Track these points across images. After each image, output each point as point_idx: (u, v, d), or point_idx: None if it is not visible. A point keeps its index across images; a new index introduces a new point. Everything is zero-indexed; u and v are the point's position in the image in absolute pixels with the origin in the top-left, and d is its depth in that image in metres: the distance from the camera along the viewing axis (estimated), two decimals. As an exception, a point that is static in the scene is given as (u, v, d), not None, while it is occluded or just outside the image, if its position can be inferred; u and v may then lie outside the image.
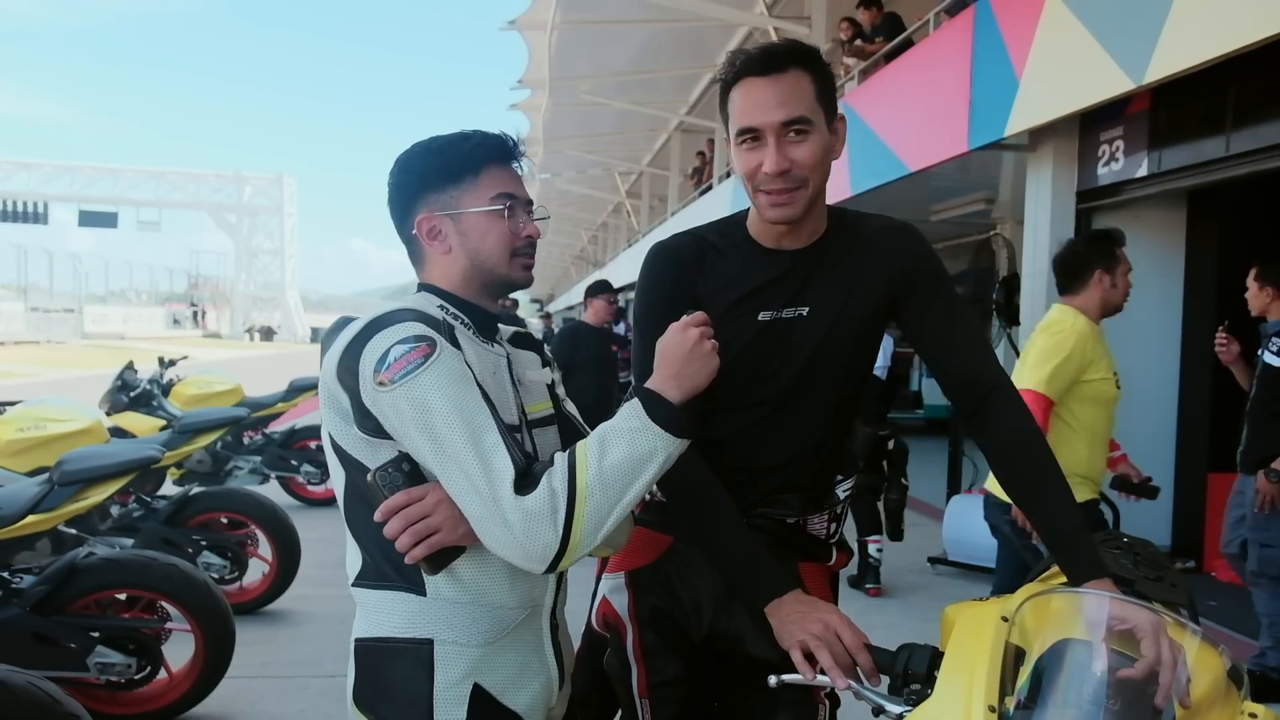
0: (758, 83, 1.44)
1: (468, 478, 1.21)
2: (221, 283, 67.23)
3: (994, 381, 1.50)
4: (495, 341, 1.44)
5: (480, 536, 1.23)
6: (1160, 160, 5.02)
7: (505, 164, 1.41)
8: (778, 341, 1.55)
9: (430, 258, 1.41)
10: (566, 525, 1.19)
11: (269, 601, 4.62)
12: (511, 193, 1.39)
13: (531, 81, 15.66)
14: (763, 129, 1.43)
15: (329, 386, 1.31)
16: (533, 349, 1.55)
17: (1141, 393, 5.79)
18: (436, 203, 1.38)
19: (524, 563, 1.22)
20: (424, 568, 1.30)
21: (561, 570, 1.24)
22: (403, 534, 1.26)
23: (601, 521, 1.21)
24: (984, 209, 8.41)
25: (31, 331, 38.45)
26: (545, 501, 1.19)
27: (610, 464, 1.21)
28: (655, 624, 1.63)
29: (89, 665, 3.10)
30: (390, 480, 1.27)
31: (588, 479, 1.20)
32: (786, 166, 1.43)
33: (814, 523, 1.64)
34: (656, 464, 1.23)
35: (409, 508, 1.26)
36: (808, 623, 1.31)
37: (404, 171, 1.41)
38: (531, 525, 1.19)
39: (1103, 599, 1.20)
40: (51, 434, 4.31)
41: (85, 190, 55.83)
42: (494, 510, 1.20)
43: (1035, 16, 5.12)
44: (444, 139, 1.41)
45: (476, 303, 1.42)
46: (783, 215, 1.47)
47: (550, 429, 1.50)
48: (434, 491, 1.27)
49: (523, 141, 1.45)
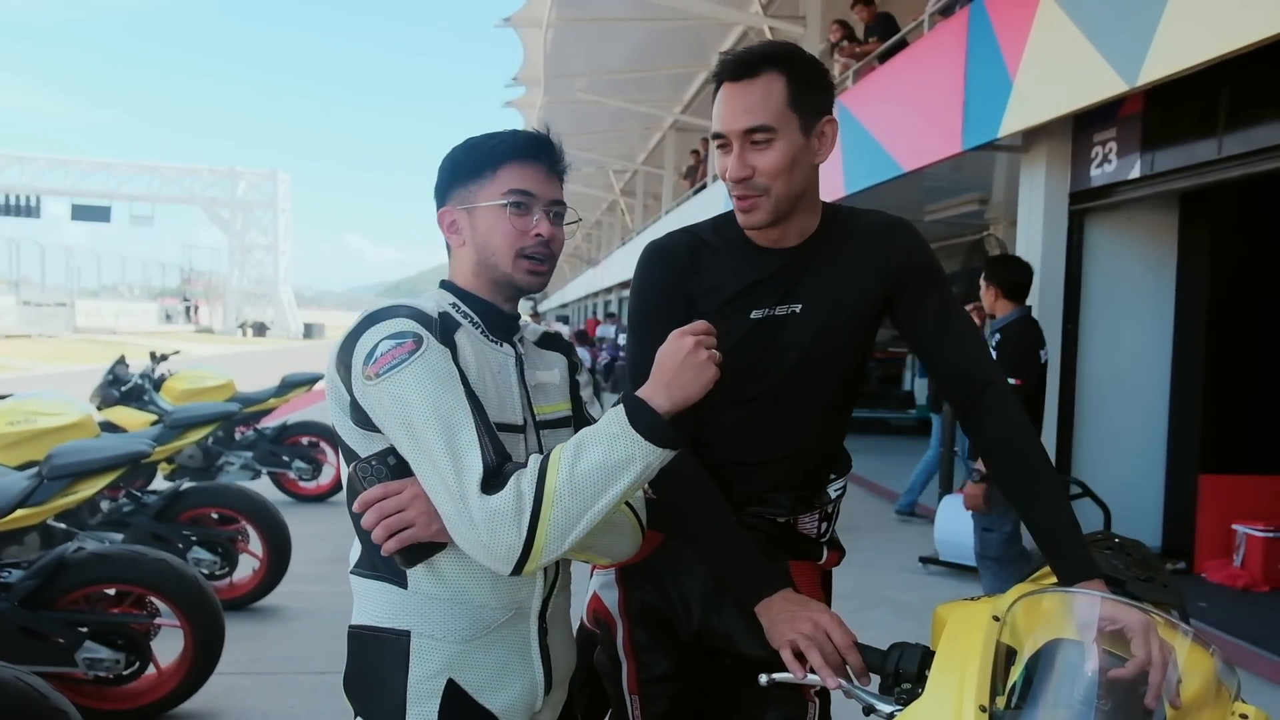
0: (729, 88, 1.47)
1: (439, 474, 1.21)
2: (214, 278, 66.95)
3: (988, 379, 1.50)
4: (508, 341, 1.43)
5: (450, 533, 1.24)
6: (1153, 162, 5.04)
7: (527, 162, 1.39)
8: (770, 339, 1.54)
9: (454, 251, 1.44)
10: (531, 527, 1.18)
11: (259, 597, 4.60)
12: (526, 189, 1.37)
13: (526, 79, 15.67)
14: (728, 135, 1.46)
15: (330, 378, 1.34)
16: (560, 350, 1.55)
17: (1133, 393, 5.81)
18: (458, 197, 1.41)
19: (489, 562, 1.22)
20: (398, 560, 1.31)
21: (529, 573, 1.23)
22: (377, 527, 1.28)
23: (570, 526, 1.20)
24: (978, 209, 8.43)
25: (23, 325, 38.23)
26: (511, 502, 1.18)
27: (583, 469, 1.19)
28: (645, 620, 1.63)
29: (77, 660, 3.08)
30: (373, 472, 1.30)
31: (558, 482, 1.19)
32: (746, 174, 1.45)
33: (805, 522, 1.64)
34: (633, 473, 1.20)
35: (384, 500, 1.28)
36: (798, 622, 1.31)
37: (441, 167, 1.44)
38: (495, 525, 1.18)
39: (1094, 599, 1.20)
40: (41, 428, 4.29)
41: (78, 184, 55.46)
42: (461, 508, 1.20)
43: (1029, 18, 5.13)
44: (479, 137, 1.43)
45: (490, 300, 1.42)
46: (747, 221, 1.50)
47: (565, 431, 1.48)
48: (411, 486, 1.28)
49: (558, 142, 1.43)
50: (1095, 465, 5.67)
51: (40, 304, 42.55)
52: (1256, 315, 5.56)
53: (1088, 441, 5.79)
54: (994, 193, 7.91)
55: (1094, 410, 5.78)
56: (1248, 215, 5.53)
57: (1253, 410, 5.60)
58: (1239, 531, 5.41)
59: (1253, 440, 5.60)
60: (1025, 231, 5.92)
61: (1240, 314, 5.55)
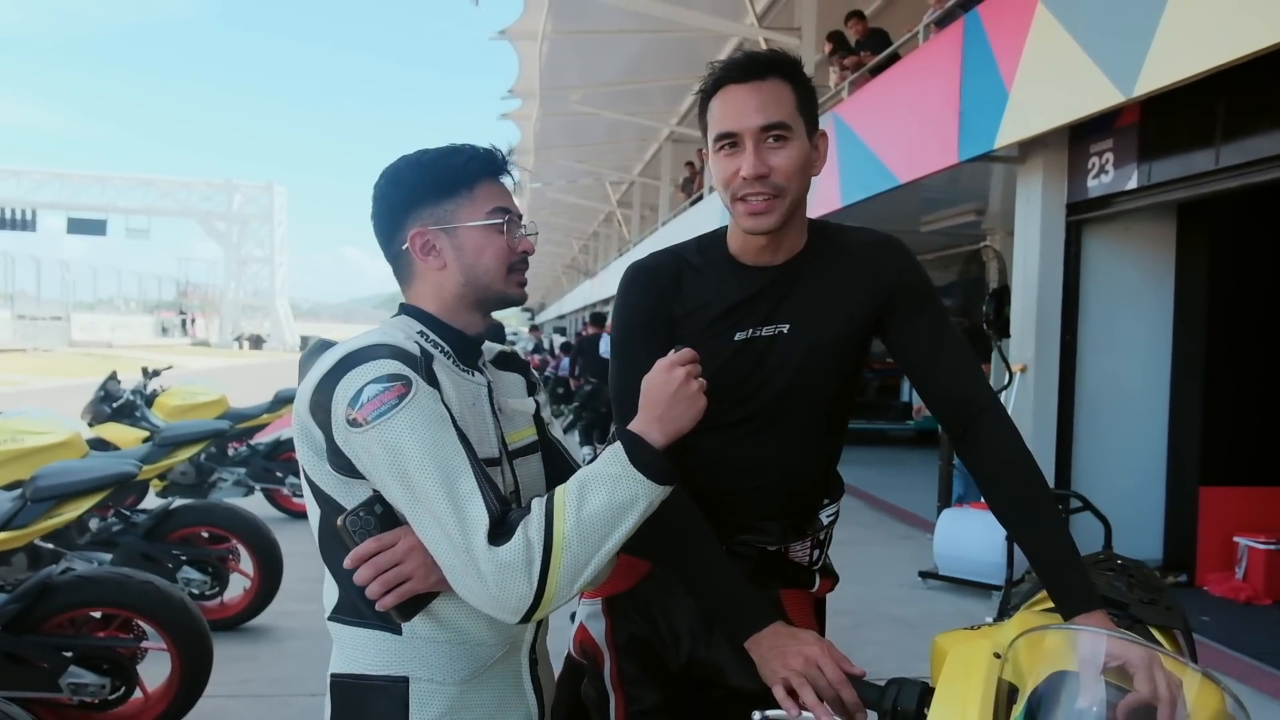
0: (738, 89, 1.42)
1: (440, 526, 1.16)
2: (211, 291, 66.97)
3: (983, 402, 1.45)
4: (477, 368, 1.39)
5: (453, 586, 1.19)
6: (1150, 173, 5.01)
7: (497, 178, 1.38)
8: (756, 361, 1.50)
9: (421, 274, 1.37)
10: (542, 577, 1.14)
11: (250, 617, 4.54)
12: (506, 207, 1.36)
13: (522, 91, 15.67)
14: (741, 133, 1.40)
15: (302, 420, 1.27)
16: (517, 370, 1.51)
17: (1132, 405, 5.78)
18: (430, 217, 1.34)
19: (498, 614, 1.17)
20: (395, 615, 1.26)
21: (535, 620, 1.20)
22: (373, 582, 1.22)
23: (579, 572, 1.17)
24: (974, 220, 8.42)
25: (18, 339, 38.18)
26: (520, 553, 1.14)
27: (589, 512, 1.16)
28: (633, 652, 1.58)
29: (61, 685, 3.03)
30: (362, 524, 1.23)
31: (565, 529, 1.15)
32: (765, 171, 1.39)
33: (796, 549, 1.59)
34: (638, 512, 1.18)
35: (379, 555, 1.22)
36: (789, 657, 1.27)
37: (394, 185, 1.36)
38: (505, 577, 1.14)
39: (1098, 636, 1.15)
40: (29, 446, 4.23)
41: (74, 197, 55.50)
42: (467, 561, 1.15)
43: (1025, 28, 5.12)
44: (434, 152, 1.37)
45: (461, 326, 1.38)
46: (759, 224, 1.43)
47: (533, 458, 1.46)
48: (406, 538, 1.23)
49: (513, 153, 1.42)
50: (1095, 478, 5.63)
51: (36, 318, 42.50)
52: (1256, 325, 5.53)
53: (1087, 454, 5.74)
54: (991, 204, 7.90)
55: (1093, 422, 5.75)
56: (1246, 226, 5.51)
57: (1253, 421, 5.57)
58: (1241, 544, 5.36)
59: (1254, 451, 5.56)
60: (1022, 242, 5.90)
61: (1240, 324, 5.52)
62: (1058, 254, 5.71)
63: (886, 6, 11.39)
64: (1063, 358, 5.70)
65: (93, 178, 57.73)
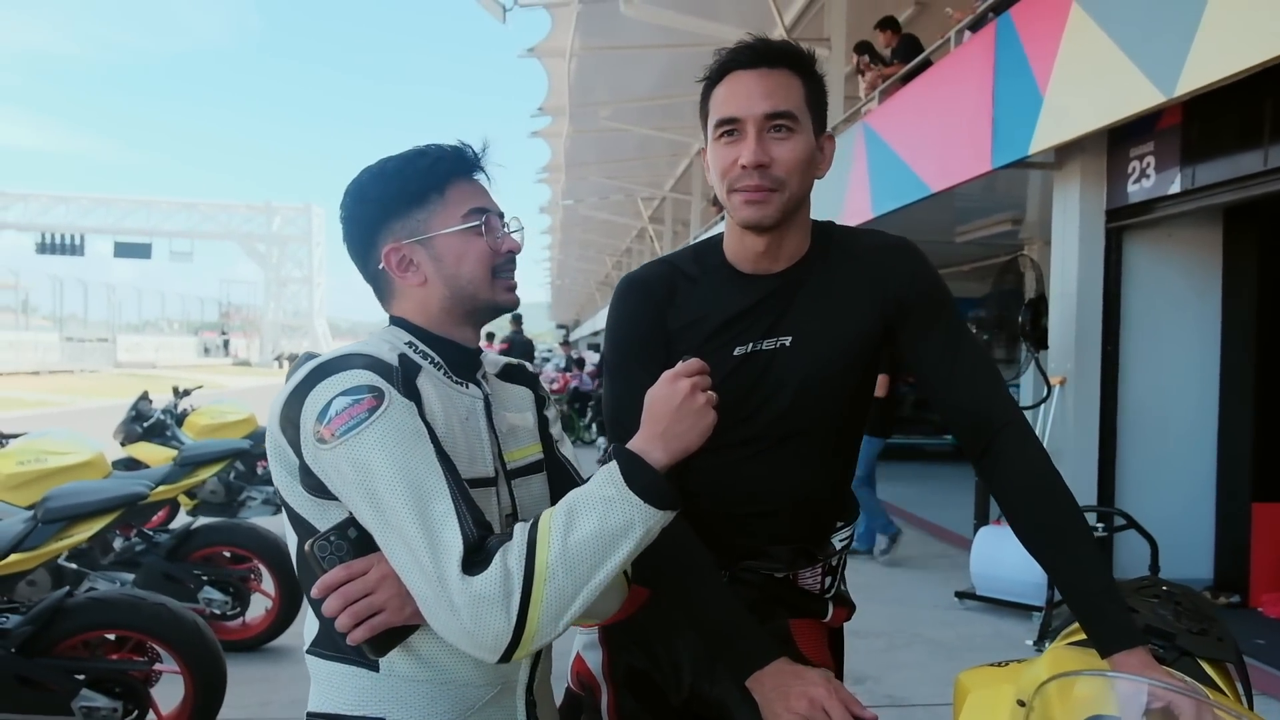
0: (745, 75, 1.33)
1: (411, 552, 1.06)
2: (252, 311, 68.19)
3: (1005, 418, 1.33)
4: (473, 380, 1.29)
5: (426, 619, 1.08)
6: (1194, 176, 4.84)
7: (469, 176, 1.28)
8: (758, 376, 1.39)
9: (403, 291, 1.27)
10: (521, 611, 1.03)
11: (272, 638, 4.50)
12: (483, 207, 1.26)
13: (551, 108, 15.70)
14: (744, 120, 1.31)
15: (274, 437, 1.18)
16: (524, 383, 1.40)
17: (1179, 418, 5.57)
18: (403, 230, 1.24)
19: (474, 651, 1.06)
20: (367, 650, 1.16)
21: (518, 659, 1.08)
22: (342, 613, 1.12)
23: (565, 606, 1.05)
24: (1011, 229, 8.23)
25: (66, 361, 39.06)
26: (497, 584, 1.03)
27: (577, 540, 1.05)
28: (632, 685, 1.47)
29: (73, 709, 3.00)
30: (332, 549, 1.13)
31: (549, 557, 1.04)
32: (765, 160, 1.30)
33: (805, 576, 1.47)
34: (633, 540, 1.07)
35: (349, 584, 1.12)
36: (792, 699, 1.16)
37: (359, 201, 1.26)
38: (480, 610, 1.03)
39: (1139, 685, 1.03)
40: (52, 467, 4.25)
41: (120, 222, 56.85)
42: (439, 591, 1.04)
43: (1059, 30, 4.97)
44: (398, 158, 1.27)
45: (453, 337, 1.28)
46: (755, 216, 1.33)
47: (537, 478, 1.35)
48: (378, 565, 1.12)
49: (487, 148, 1.30)
50: (1140, 495, 5.41)
51: (83, 339, 43.50)
52: (1308, 333, 5.31)
53: (1132, 470, 5.53)
54: (1028, 212, 7.72)
55: (1137, 437, 5.54)
56: (1296, 230, 5.29)
57: (1308, 434, 5.33)
58: (1297, 563, 5.13)
59: (1310, 465, 5.31)
60: (1060, 250, 5.72)
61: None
62: (1097, 262, 5.53)
63: (920, 14, 11.24)
64: (1104, 369, 5.51)
65: (138, 202, 59.11)
